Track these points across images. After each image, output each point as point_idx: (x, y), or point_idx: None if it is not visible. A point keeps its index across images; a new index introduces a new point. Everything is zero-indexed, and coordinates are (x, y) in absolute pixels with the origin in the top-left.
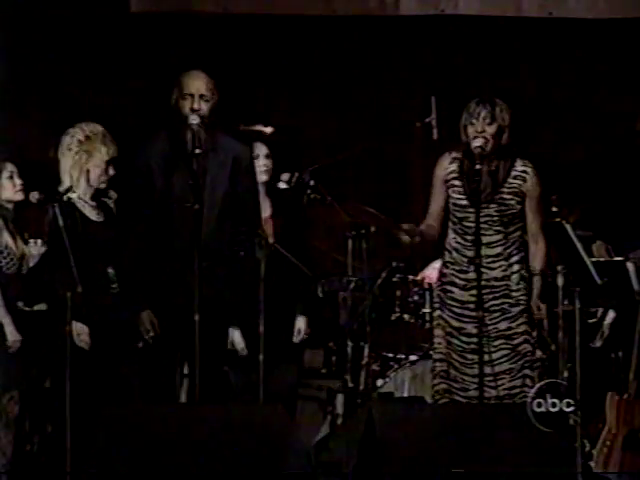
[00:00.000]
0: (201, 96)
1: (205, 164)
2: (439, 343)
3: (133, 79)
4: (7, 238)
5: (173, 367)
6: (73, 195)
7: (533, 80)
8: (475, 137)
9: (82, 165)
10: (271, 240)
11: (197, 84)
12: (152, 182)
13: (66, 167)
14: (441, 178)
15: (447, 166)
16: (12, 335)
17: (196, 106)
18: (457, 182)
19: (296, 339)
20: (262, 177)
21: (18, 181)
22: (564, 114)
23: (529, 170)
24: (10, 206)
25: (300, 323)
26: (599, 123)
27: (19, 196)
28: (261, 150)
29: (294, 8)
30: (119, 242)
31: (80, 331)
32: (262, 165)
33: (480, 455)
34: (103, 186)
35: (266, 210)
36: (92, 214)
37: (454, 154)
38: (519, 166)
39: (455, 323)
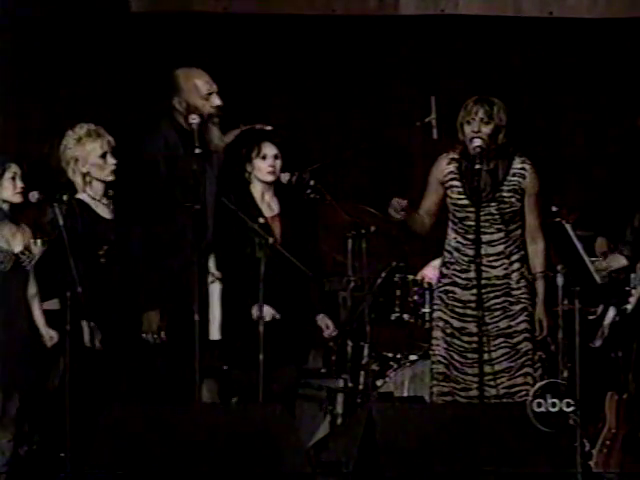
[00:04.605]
0: (217, 93)
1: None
2: (437, 345)
3: (133, 79)
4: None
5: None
6: (82, 196)
7: (533, 80)
8: (472, 138)
9: (80, 168)
10: (274, 240)
11: (209, 79)
12: (159, 176)
13: (69, 173)
14: (438, 178)
15: (445, 167)
16: (47, 332)
17: (219, 102)
18: (456, 182)
19: (326, 334)
20: (269, 177)
21: (19, 183)
22: (564, 114)
23: (527, 167)
24: (6, 206)
25: (325, 319)
26: (599, 122)
27: (17, 198)
28: (270, 150)
29: (294, 8)
30: (124, 238)
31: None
32: (269, 166)
33: (480, 455)
34: (110, 178)
35: (274, 209)
36: (105, 212)
37: (452, 154)
38: (517, 163)
39: (456, 323)
